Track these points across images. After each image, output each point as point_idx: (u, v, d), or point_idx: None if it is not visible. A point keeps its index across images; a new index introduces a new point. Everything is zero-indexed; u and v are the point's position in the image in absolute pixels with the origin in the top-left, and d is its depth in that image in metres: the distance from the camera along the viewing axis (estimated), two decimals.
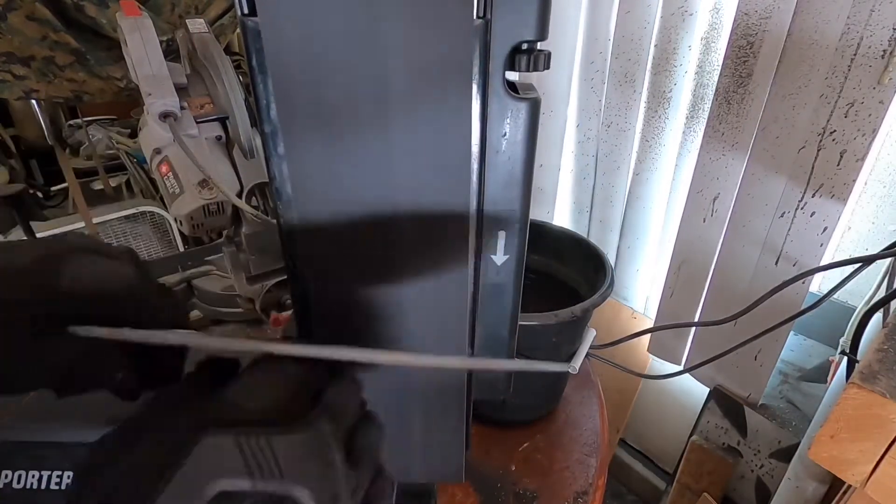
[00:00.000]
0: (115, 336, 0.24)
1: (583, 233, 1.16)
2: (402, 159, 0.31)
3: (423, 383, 0.38)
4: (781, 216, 0.92)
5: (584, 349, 0.70)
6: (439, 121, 0.30)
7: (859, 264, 0.69)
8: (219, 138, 0.83)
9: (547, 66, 0.29)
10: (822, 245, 0.89)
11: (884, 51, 0.75)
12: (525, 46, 0.29)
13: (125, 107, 1.59)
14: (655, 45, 1.05)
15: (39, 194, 1.86)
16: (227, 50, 1.44)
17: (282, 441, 0.20)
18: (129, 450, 0.19)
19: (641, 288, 1.31)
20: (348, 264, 0.35)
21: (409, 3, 0.27)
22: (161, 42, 0.80)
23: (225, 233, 0.73)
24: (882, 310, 0.69)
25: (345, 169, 0.32)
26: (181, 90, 0.80)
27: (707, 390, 1.17)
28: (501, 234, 0.34)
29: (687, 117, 1.08)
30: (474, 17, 0.27)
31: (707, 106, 1.03)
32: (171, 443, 0.19)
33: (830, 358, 1.02)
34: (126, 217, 1.49)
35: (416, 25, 0.28)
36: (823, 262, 0.90)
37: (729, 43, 0.90)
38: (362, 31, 0.28)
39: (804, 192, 0.88)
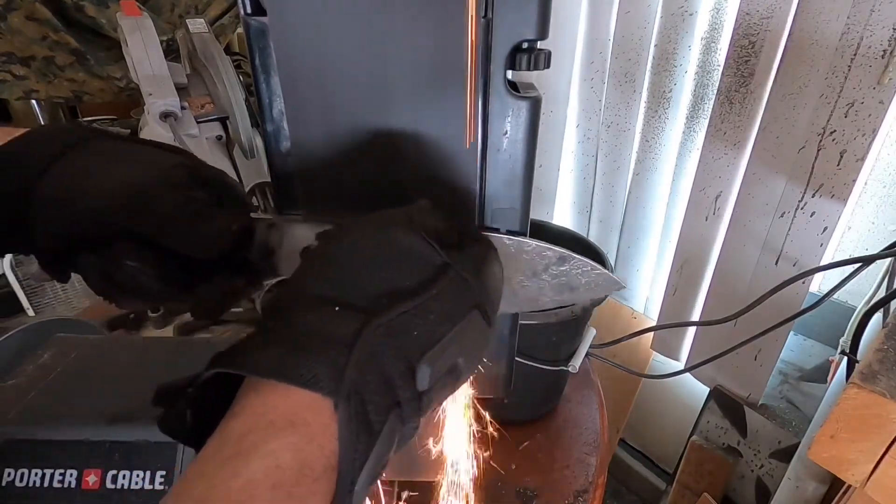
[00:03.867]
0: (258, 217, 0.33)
1: (583, 233, 1.16)
2: (405, 156, 0.32)
3: None
4: (782, 216, 0.92)
5: (584, 348, 0.70)
6: (442, 119, 0.30)
7: (859, 264, 0.69)
8: (219, 138, 0.83)
9: (547, 66, 0.29)
10: (822, 245, 0.89)
11: (884, 51, 0.75)
12: (526, 46, 0.29)
13: (125, 107, 1.58)
14: (655, 45, 1.05)
15: None
16: (227, 50, 1.44)
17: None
18: (428, 304, 0.25)
19: (641, 288, 1.31)
20: None
21: (413, 4, 0.27)
22: (161, 42, 0.80)
23: None
24: (882, 310, 0.69)
25: (348, 166, 0.32)
26: (181, 90, 0.80)
27: (707, 390, 1.17)
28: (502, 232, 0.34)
29: (687, 117, 1.08)
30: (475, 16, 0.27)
31: (707, 106, 1.03)
32: (455, 311, 0.26)
33: (830, 358, 1.02)
34: None
35: (420, 25, 0.28)
36: (823, 262, 0.90)
37: (731, 42, 0.90)
38: (367, 32, 0.28)
39: (804, 192, 0.88)
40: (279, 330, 0.23)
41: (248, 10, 0.28)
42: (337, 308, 0.24)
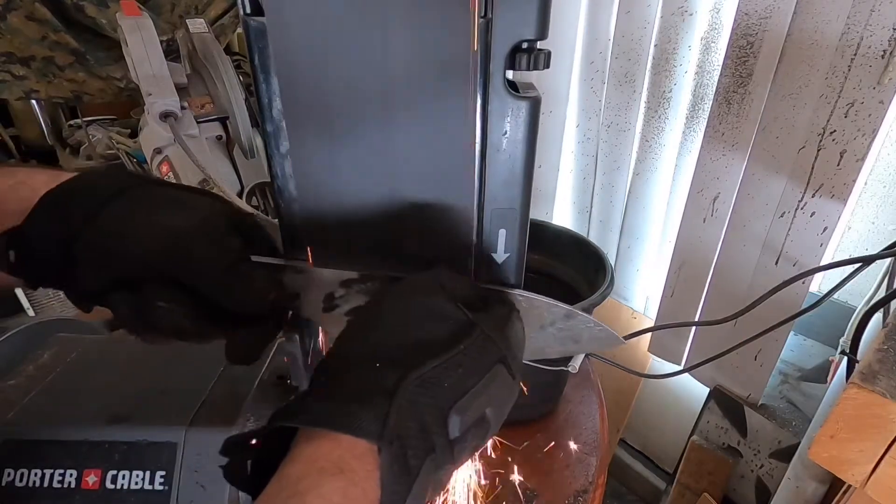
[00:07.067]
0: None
1: (583, 233, 1.16)
2: (404, 157, 0.32)
3: None
4: (781, 216, 0.92)
5: None
6: (441, 119, 0.30)
7: (859, 264, 0.69)
8: (219, 138, 0.83)
9: (547, 66, 0.29)
10: (822, 245, 0.89)
11: (884, 51, 0.75)
12: (525, 45, 0.29)
13: (125, 107, 1.58)
14: (655, 45, 1.05)
15: None
16: (227, 50, 1.44)
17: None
18: (457, 358, 0.28)
19: (641, 288, 1.31)
20: (351, 263, 0.35)
21: (412, 3, 0.27)
22: (161, 42, 0.80)
23: None
24: (882, 310, 0.69)
25: (347, 167, 0.32)
26: (181, 90, 0.80)
27: (707, 390, 1.17)
28: (502, 233, 0.34)
29: (687, 117, 1.08)
30: (476, 16, 0.27)
31: (707, 106, 1.03)
32: (482, 366, 0.29)
33: (830, 358, 1.02)
34: None
35: (419, 25, 0.28)
36: (823, 262, 0.90)
37: (729, 43, 0.90)
38: (366, 31, 0.28)
39: (804, 192, 0.88)
40: (329, 387, 0.26)
41: (248, 10, 0.28)
42: (377, 364, 0.26)
